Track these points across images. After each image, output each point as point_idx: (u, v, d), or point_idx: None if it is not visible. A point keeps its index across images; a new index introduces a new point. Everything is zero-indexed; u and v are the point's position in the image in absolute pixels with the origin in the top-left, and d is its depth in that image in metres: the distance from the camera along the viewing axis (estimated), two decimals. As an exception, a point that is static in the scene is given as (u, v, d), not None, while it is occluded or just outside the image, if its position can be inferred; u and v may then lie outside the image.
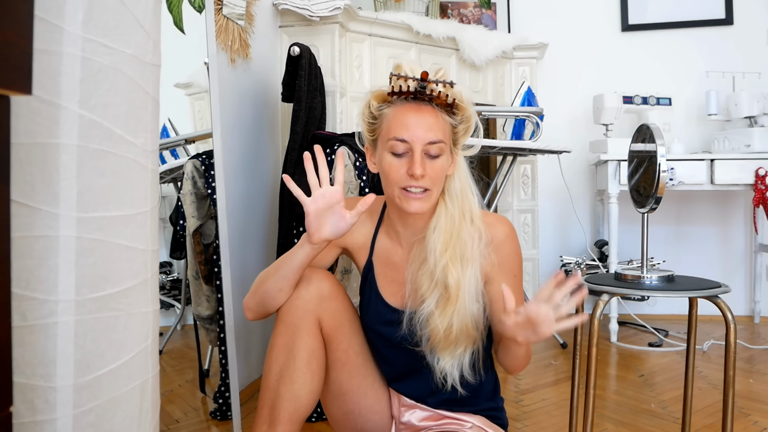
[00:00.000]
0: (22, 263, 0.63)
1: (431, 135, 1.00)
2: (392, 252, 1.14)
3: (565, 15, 3.22)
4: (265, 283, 1.08)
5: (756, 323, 2.95)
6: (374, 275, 1.15)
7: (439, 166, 1.02)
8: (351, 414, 1.16)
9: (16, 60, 0.43)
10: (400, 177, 1.02)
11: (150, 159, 0.79)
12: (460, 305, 1.02)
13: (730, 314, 1.16)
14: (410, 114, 1.01)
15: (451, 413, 1.15)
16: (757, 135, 2.64)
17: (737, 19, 3.06)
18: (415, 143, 1.00)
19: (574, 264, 2.82)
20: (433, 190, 1.03)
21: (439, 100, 1.01)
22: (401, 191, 1.03)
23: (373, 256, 1.15)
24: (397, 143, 1.02)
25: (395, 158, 1.03)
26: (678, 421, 1.68)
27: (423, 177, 1.00)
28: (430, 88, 1.00)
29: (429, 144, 1.01)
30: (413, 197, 1.02)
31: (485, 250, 1.06)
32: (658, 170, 1.22)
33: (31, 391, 0.64)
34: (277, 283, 1.07)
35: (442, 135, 1.02)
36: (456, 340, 1.03)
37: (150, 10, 0.77)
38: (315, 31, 2.22)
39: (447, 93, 1.01)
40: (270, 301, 1.08)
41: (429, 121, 1.01)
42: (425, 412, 1.17)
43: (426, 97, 1.01)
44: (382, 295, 1.13)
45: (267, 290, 1.08)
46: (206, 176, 1.69)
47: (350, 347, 1.13)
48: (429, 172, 1.01)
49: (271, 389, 1.05)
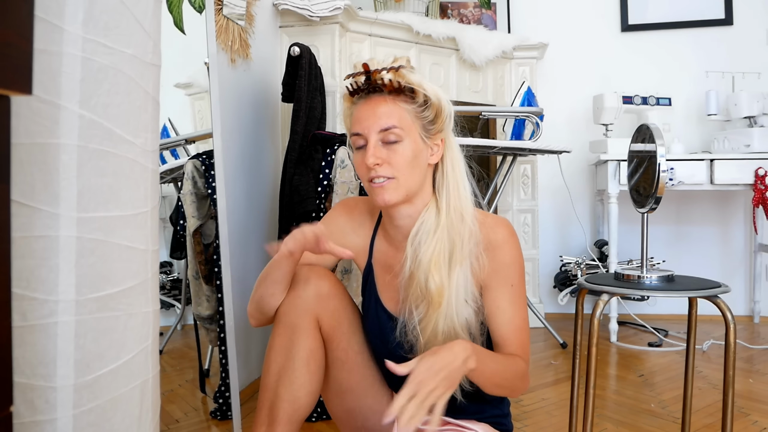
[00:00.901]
0: (23, 263, 0.63)
1: (382, 122, 1.00)
2: (389, 255, 1.13)
3: (565, 15, 3.22)
4: (258, 289, 1.08)
5: (756, 323, 2.95)
6: (374, 279, 1.14)
7: (401, 153, 1.00)
8: (352, 412, 1.16)
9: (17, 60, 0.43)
10: (363, 171, 1.03)
11: (150, 159, 0.79)
12: (444, 310, 1.00)
13: (729, 314, 1.16)
14: (363, 108, 1.03)
15: (454, 420, 1.14)
16: (757, 135, 2.64)
17: (737, 19, 3.06)
18: (368, 133, 1.01)
19: (574, 264, 2.82)
20: (400, 178, 1.01)
21: (390, 87, 1.01)
22: (369, 185, 1.03)
23: (372, 259, 1.15)
24: (355, 138, 1.03)
25: (358, 153, 1.04)
26: (678, 421, 1.68)
27: (380, 165, 1.00)
28: (375, 78, 1.01)
29: (382, 131, 1.00)
30: (377, 187, 1.01)
31: (477, 251, 1.02)
32: (657, 170, 1.22)
33: (31, 391, 0.64)
34: (268, 288, 1.07)
35: (397, 121, 1.00)
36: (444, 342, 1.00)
37: (150, 10, 0.77)
38: (315, 31, 2.22)
39: (394, 79, 1.00)
40: (266, 306, 1.08)
41: (380, 110, 1.01)
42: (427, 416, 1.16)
43: (378, 88, 1.02)
44: (381, 300, 1.12)
45: (261, 296, 1.08)
46: (206, 176, 1.69)
47: (350, 346, 1.11)
48: (390, 159, 1.00)
49: (270, 390, 1.05)
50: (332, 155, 1.79)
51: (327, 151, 1.80)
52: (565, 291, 2.85)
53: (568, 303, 2.85)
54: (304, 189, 1.73)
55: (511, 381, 1.02)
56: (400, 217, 1.07)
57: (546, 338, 2.70)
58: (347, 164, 1.77)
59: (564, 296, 2.84)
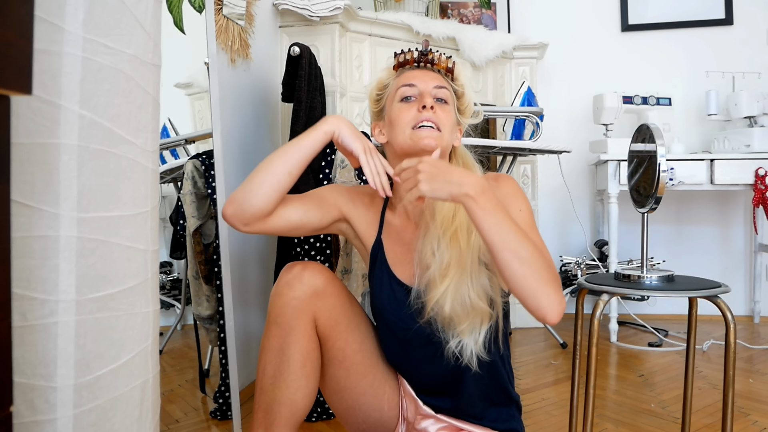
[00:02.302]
0: (23, 263, 0.63)
1: (437, 80, 1.10)
2: (401, 229, 1.12)
3: (565, 15, 3.22)
4: (261, 167, 1.04)
5: (756, 323, 2.95)
6: (384, 255, 1.11)
7: (448, 112, 1.09)
8: (351, 410, 1.15)
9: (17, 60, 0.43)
10: (411, 117, 1.07)
11: (150, 159, 0.79)
12: (464, 276, 0.98)
13: (729, 314, 1.16)
14: (416, 72, 1.11)
15: (467, 425, 1.13)
16: (757, 135, 2.64)
17: (737, 19, 3.06)
18: (425, 86, 1.09)
19: (574, 264, 2.82)
20: (444, 134, 1.06)
21: (440, 65, 1.10)
22: (412, 131, 1.06)
23: (382, 234, 1.13)
24: (406, 88, 1.09)
25: (405, 103, 1.09)
26: (678, 421, 1.68)
27: (434, 111, 1.05)
28: (431, 55, 1.10)
29: (436, 88, 1.09)
30: (426, 130, 1.05)
31: None
32: (658, 170, 1.22)
33: (31, 390, 0.64)
34: (279, 162, 1.04)
35: (448, 86, 1.11)
36: (468, 314, 0.98)
37: (150, 10, 0.77)
38: (315, 31, 2.22)
39: (448, 56, 1.11)
40: (257, 198, 1.02)
41: (433, 75, 1.11)
42: (442, 422, 1.14)
43: (428, 63, 1.11)
44: (394, 273, 1.10)
45: (265, 171, 1.04)
46: (206, 176, 1.69)
47: (347, 345, 1.09)
48: (439, 114, 1.06)
49: (265, 393, 1.03)
50: (332, 155, 1.79)
51: (327, 151, 1.80)
52: (565, 291, 2.85)
53: (568, 303, 2.85)
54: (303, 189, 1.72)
55: (531, 252, 0.89)
56: None
57: (546, 338, 2.70)
58: (347, 164, 1.77)
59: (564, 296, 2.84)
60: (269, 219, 1.05)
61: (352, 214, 1.15)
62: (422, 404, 1.16)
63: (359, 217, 1.15)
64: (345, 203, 1.15)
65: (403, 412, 1.19)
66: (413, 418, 1.17)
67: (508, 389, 1.15)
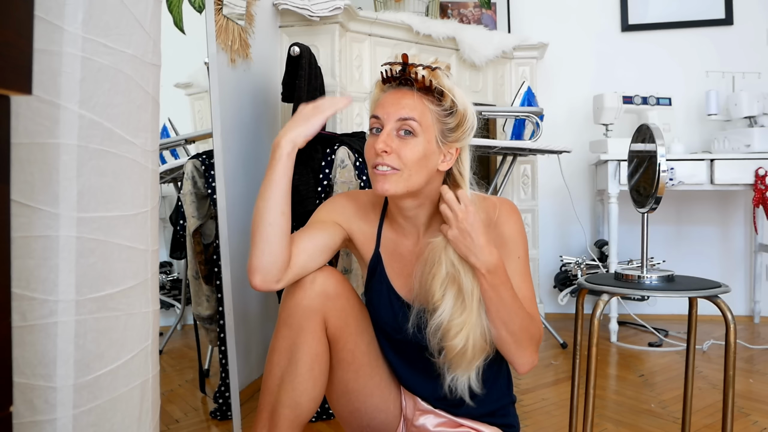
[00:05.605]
0: (22, 263, 0.63)
1: (403, 112, 1.00)
2: (398, 243, 1.12)
3: (565, 15, 3.22)
4: (257, 223, 1.01)
5: (756, 323, 2.95)
6: (383, 267, 1.12)
7: (412, 147, 1.00)
8: (357, 412, 1.15)
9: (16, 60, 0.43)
10: (371, 155, 1.02)
11: (150, 159, 0.79)
12: (473, 316, 1.00)
13: (730, 314, 1.16)
14: (389, 95, 1.03)
15: (467, 421, 1.14)
16: (757, 135, 2.64)
17: (737, 19, 3.06)
18: (387, 119, 1.01)
19: (574, 264, 2.82)
20: (404, 173, 1.00)
21: (421, 84, 1.01)
22: (372, 171, 1.02)
23: (380, 248, 1.13)
24: (372, 120, 1.03)
25: (371, 137, 1.03)
26: (678, 421, 1.68)
27: (388, 153, 0.99)
28: (410, 71, 1.01)
29: (400, 120, 1.00)
30: (379, 174, 1.00)
31: (492, 234, 1.04)
32: (658, 170, 1.22)
33: (31, 391, 0.64)
34: (268, 210, 1.00)
35: (418, 116, 1.00)
36: (472, 356, 1.00)
37: (150, 10, 0.77)
38: (315, 31, 2.22)
39: (427, 77, 1.01)
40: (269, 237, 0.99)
41: (405, 101, 1.01)
42: (440, 418, 1.16)
43: (410, 81, 1.02)
44: (394, 287, 1.11)
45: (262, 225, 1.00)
46: (206, 176, 1.69)
47: (356, 347, 1.09)
48: (400, 151, 1.00)
49: (271, 393, 1.03)
50: (332, 155, 1.79)
51: (327, 151, 1.80)
52: (565, 291, 2.85)
53: (568, 303, 2.85)
54: (303, 189, 1.72)
55: (520, 325, 1.01)
56: (408, 209, 1.07)
57: (546, 338, 2.70)
58: (347, 164, 1.77)
59: (564, 296, 2.84)
60: (291, 264, 1.03)
61: (350, 228, 1.14)
62: (420, 400, 1.18)
63: (357, 230, 1.14)
64: (343, 219, 1.13)
65: (404, 411, 1.19)
66: (412, 414, 1.19)
67: (506, 389, 1.17)
